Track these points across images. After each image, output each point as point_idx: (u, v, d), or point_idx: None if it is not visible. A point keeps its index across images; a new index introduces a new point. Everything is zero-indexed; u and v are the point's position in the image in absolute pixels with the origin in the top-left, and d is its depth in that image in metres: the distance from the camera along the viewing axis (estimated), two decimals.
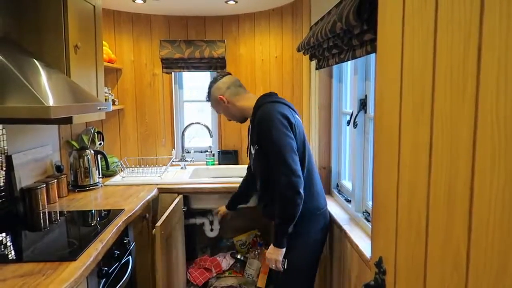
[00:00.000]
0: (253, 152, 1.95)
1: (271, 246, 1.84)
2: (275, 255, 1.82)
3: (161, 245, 2.09)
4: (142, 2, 2.90)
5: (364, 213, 1.91)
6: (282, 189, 1.75)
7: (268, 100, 1.89)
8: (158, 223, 2.08)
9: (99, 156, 2.78)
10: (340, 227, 1.90)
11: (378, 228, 1.07)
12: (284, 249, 1.81)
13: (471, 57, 0.61)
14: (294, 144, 1.78)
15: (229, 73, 2.12)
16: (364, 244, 1.64)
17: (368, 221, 1.82)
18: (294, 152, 1.76)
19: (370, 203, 1.87)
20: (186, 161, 3.35)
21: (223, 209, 2.49)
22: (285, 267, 1.85)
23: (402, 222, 0.90)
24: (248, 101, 2.00)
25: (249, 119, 2.05)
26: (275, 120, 1.77)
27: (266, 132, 1.79)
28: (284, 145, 1.75)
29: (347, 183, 2.28)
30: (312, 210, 1.88)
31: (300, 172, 1.76)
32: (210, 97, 2.11)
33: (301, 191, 1.75)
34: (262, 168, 1.92)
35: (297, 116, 1.91)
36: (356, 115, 1.94)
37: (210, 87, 2.09)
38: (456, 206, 0.67)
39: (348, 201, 2.13)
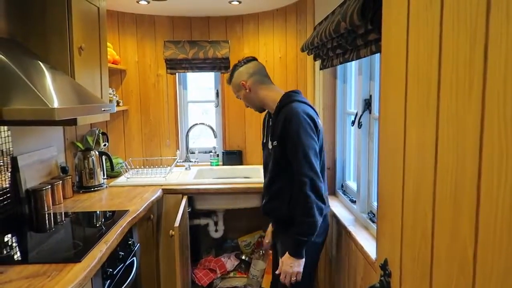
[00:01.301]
0: (270, 147, 1.88)
1: (288, 257, 1.72)
2: (297, 266, 1.71)
3: (179, 245, 2.09)
4: (146, 3, 2.91)
5: (369, 214, 1.90)
6: (307, 193, 1.67)
7: (296, 99, 1.81)
8: (176, 224, 2.07)
9: (103, 157, 2.79)
10: (345, 228, 1.89)
11: (384, 229, 1.06)
12: (304, 259, 1.72)
13: (478, 56, 0.60)
14: (317, 148, 1.76)
15: (254, 58, 2.00)
16: (369, 245, 1.63)
17: (373, 222, 1.81)
18: (317, 156, 1.74)
19: (375, 203, 1.86)
20: (190, 161, 3.35)
21: (269, 232, 2.20)
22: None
23: (408, 223, 0.89)
24: (271, 93, 1.90)
25: (267, 111, 1.98)
26: (303, 121, 1.72)
27: (293, 132, 1.72)
28: (311, 147, 1.71)
29: (352, 184, 2.27)
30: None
31: (321, 177, 1.74)
32: (231, 80, 1.99)
33: (325, 197, 1.74)
34: (275, 164, 1.85)
35: (320, 121, 1.87)
36: (361, 115, 1.93)
37: (233, 70, 1.98)
38: (462, 206, 0.66)
39: (353, 201, 2.12)
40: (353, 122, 2.06)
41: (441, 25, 0.72)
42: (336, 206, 2.21)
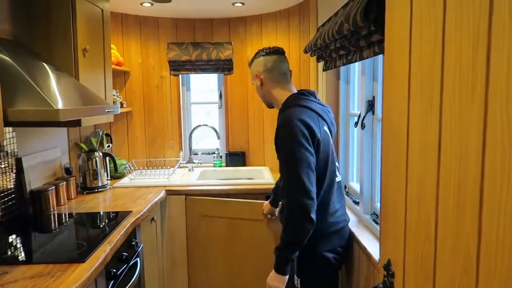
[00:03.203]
0: None
1: (273, 272, 1.63)
2: (277, 282, 1.61)
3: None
4: (150, 5, 2.92)
5: (373, 215, 1.90)
6: (290, 209, 1.55)
7: (298, 103, 1.67)
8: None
9: (107, 158, 2.80)
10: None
11: (387, 230, 1.06)
12: (287, 277, 1.61)
13: (480, 57, 0.60)
14: (313, 160, 1.56)
15: (280, 51, 1.84)
16: (372, 246, 1.63)
17: (377, 223, 1.80)
18: (311, 169, 1.54)
19: (378, 205, 1.86)
20: (193, 163, 3.36)
21: (267, 206, 2.30)
22: (298, 286, 1.74)
23: (411, 224, 0.89)
24: (281, 93, 1.78)
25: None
26: (295, 131, 1.55)
27: (283, 141, 1.59)
28: (300, 159, 1.52)
29: (355, 185, 2.27)
30: (325, 229, 1.68)
31: (314, 194, 1.54)
32: (250, 66, 1.89)
33: (313, 216, 1.53)
34: (280, 172, 1.72)
35: (325, 128, 1.67)
36: (364, 116, 1.93)
37: (255, 56, 1.86)
38: (465, 207, 0.66)
39: (356, 203, 2.12)
40: (356, 123, 2.06)
41: (443, 26, 0.72)
42: None
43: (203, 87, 3.70)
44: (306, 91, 1.76)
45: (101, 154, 2.72)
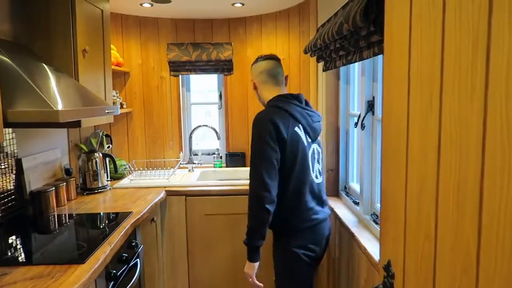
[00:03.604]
0: None
1: (247, 261, 1.77)
2: (247, 269, 1.77)
3: None
4: (150, 5, 2.92)
5: (373, 216, 1.89)
6: (250, 199, 1.71)
7: (273, 104, 1.82)
8: None
9: (107, 159, 2.80)
10: (348, 229, 1.89)
11: (387, 231, 1.06)
12: (256, 264, 1.75)
13: (480, 57, 0.60)
14: (276, 157, 1.69)
15: (273, 57, 1.98)
16: (372, 247, 1.63)
17: (377, 223, 1.80)
18: (272, 165, 1.69)
19: (378, 205, 1.86)
20: (193, 163, 3.36)
21: None
22: (275, 279, 1.85)
23: (411, 224, 0.89)
24: (268, 95, 1.91)
25: None
26: (262, 127, 1.70)
27: (252, 137, 1.75)
28: (262, 155, 1.69)
29: (355, 185, 2.27)
30: (296, 225, 1.79)
31: (272, 188, 1.68)
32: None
33: (269, 207, 1.67)
34: None
35: (296, 129, 1.76)
36: (364, 116, 1.93)
37: (252, 64, 2.04)
38: (465, 207, 0.66)
39: (356, 203, 2.12)
40: (356, 124, 2.06)
41: (443, 26, 0.72)
42: (339, 208, 2.21)
43: (203, 87, 3.70)
44: (290, 95, 1.87)
45: (101, 155, 2.72)
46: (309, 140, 1.83)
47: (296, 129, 1.77)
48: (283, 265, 1.83)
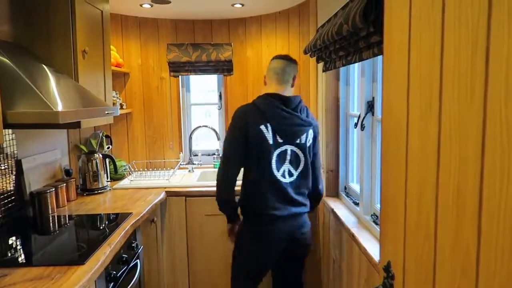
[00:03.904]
0: None
1: None
2: (227, 228, 2.17)
3: None
4: (149, 6, 2.92)
5: (373, 216, 1.89)
6: (216, 179, 2.01)
7: (254, 100, 2.00)
8: None
9: (107, 160, 2.80)
10: (348, 230, 1.89)
11: (387, 231, 1.06)
12: (230, 224, 2.14)
13: (479, 58, 0.60)
14: (239, 148, 1.93)
15: (284, 57, 2.09)
16: (372, 247, 1.63)
17: (377, 224, 1.80)
18: (233, 155, 1.96)
19: (378, 205, 1.85)
20: (193, 164, 3.36)
21: None
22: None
23: (411, 225, 0.89)
24: (265, 92, 2.04)
25: None
26: (233, 120, 1.96)
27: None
28: (227, 145, 1.97)
29: (355, 186, 2.27)
30: (252, 212, 2.01)
31: (230, 174, 1.96)
32: None
33: (222, 188, 1.98)
34: None
35: (262, 127, 1.92)
36: (364, 117, 1.93)
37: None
38: (465, 208, 0.66)
39: (356, 204, 2.12)
40: (356, 124, 2.06)
41: (442, 27, 0.72)
42: (339, 208, 2.21)
43: (203, 88, 3.70)
44: (277, 95, 1.98)
45: (101, 155, 2.72)
46: (280, 141, 1.95)
47: (262, 127, 1.93)
48: (242, 244, 2.08)
